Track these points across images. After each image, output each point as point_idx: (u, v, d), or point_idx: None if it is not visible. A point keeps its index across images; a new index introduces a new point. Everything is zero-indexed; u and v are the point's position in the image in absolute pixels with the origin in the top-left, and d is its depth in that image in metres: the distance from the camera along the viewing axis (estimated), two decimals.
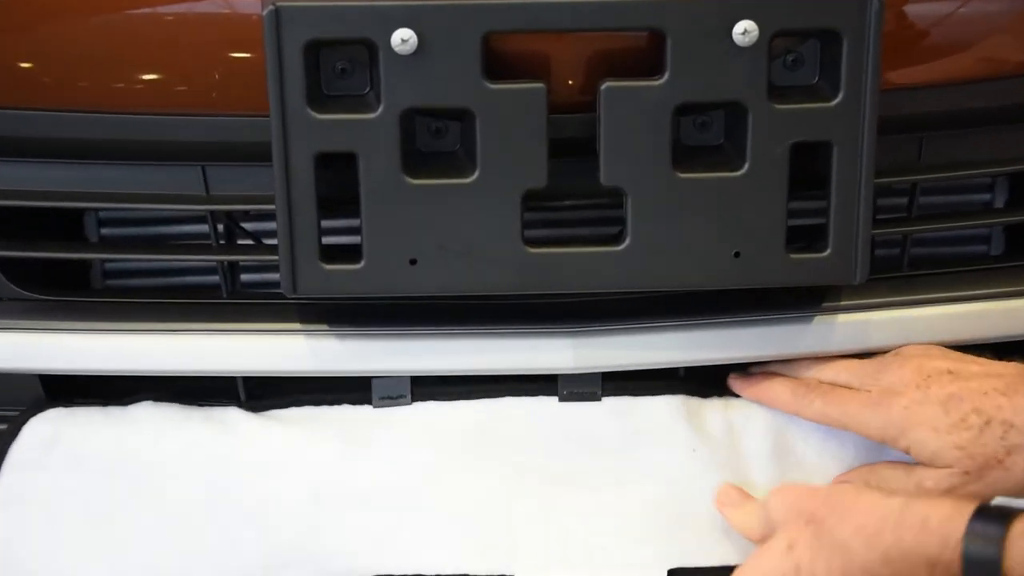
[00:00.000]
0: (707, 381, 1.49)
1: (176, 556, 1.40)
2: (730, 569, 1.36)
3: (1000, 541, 1.17)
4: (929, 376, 1.38)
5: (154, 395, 1.48)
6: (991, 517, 1.19)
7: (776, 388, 1.45)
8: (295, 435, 1.45)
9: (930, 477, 1.36)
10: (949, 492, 1.35)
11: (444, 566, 1.39)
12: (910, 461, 1.40)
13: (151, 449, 1.44)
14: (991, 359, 1.44)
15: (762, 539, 1.35)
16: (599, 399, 1.45)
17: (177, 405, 1.47)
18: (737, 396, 1.48)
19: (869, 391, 1.40)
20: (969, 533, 1.19)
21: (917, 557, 1.21)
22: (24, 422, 1.47)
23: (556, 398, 1.45)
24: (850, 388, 1.42)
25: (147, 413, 1.47)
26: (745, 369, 1.49)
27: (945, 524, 1.20)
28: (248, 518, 1.41)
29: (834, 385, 1.43)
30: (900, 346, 1.45)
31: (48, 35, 1.37)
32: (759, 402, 1.46)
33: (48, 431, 1.46)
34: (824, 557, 1.26)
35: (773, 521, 1.33)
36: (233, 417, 1.46)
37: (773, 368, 1.47)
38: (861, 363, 1.44)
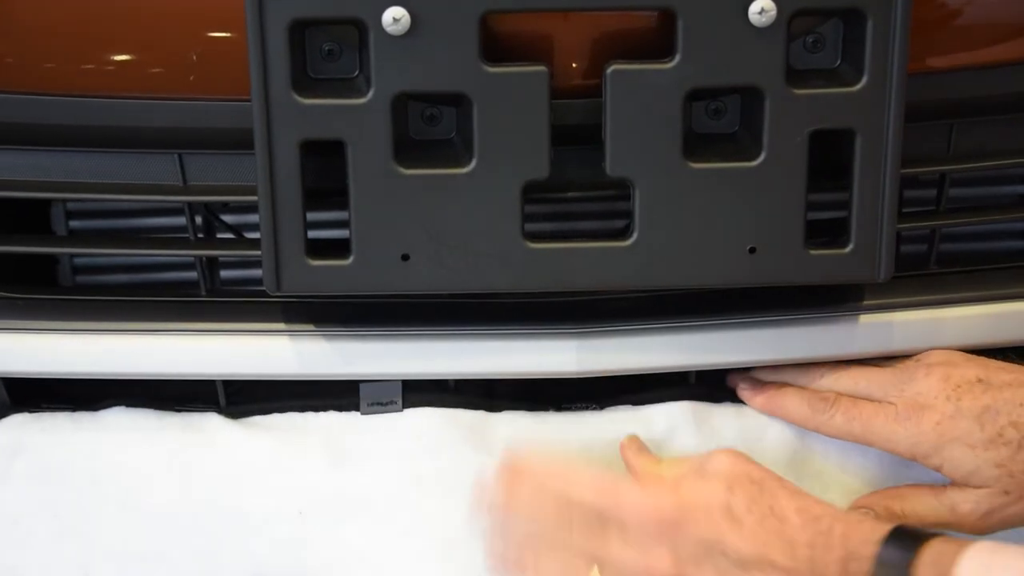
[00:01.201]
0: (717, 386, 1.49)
1: (150, 573, 1.39)
2: None
3: (907, 567, 1.18)
4: (959, 386, 1.36)
5: (127, 400, 1.47)
6: (903, 540, 1.20)
7: (792, 401, 1.43)
8: (278, 445, 1.43)
9: (966, 500, 1.36)
10: (987, 515, 1.34)
11: None
12: (936, 479, 1.39)
13: (123, 459, 1.42)
14: (1016, 362, 1.43)
15: None
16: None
17: (152, 411, 1.46)
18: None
19: (894, 403, 1.38)
20: (880, 557, 1.20)
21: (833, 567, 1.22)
22: None
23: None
24: (871, 400, 1.40)
25: (119, 420, 1.45)
26: (749, 372, 1.48)
27: (861, 547, 1.21)
28: (227, 534, 1.40)
29: (854, 397, 1.41)
30: (927, 350, 1.43)
31: (10, 11, 1.35)
32: (773, 415, 1.44)
33: (11, 439, 1.44)
34: (761, 513, 1.26)
35: (710, 471, 1.32)
36: (212, 424, 1.45)
37: (785, 376, 1.45)
38: (881, 371, 1.42)
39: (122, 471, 1.42)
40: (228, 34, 1.33)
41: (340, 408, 1.45)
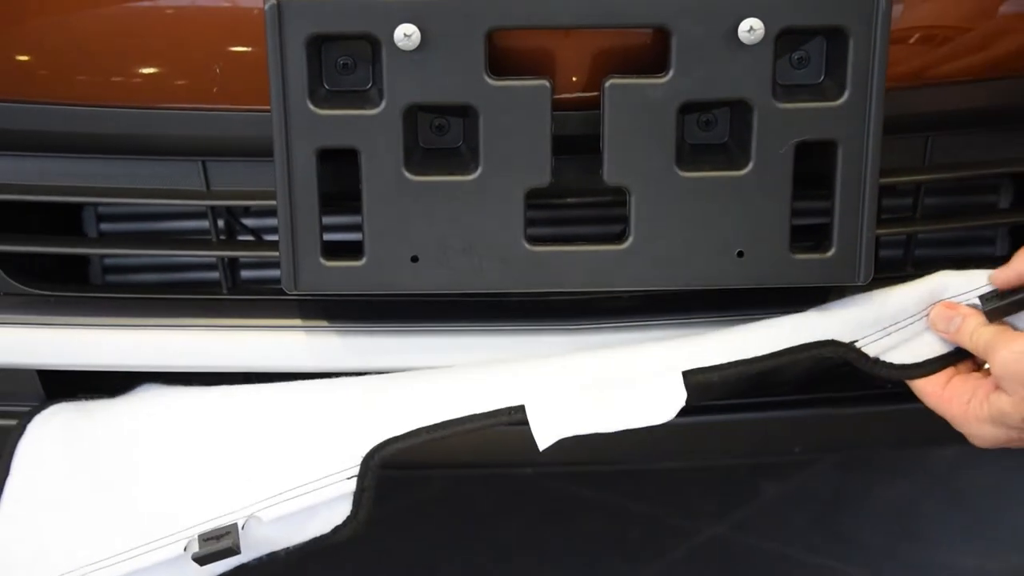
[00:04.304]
0: None
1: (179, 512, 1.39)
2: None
3: None
4: None
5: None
6: None
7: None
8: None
9: None
10: None
11: None
12: None
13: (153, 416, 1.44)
14: None
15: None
16: None
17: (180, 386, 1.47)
18: None
19: None
20: None
21: None
22: (30, 419, 1.46)
23: None
24: None
25: (151, 392, 1.46)
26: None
27: None
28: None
29: None
30: None
31: (47, 28, 1.37)
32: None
33: (53, 426, 1.44)
34: None
35: (999, 372, 1.30)
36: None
37: None
38: None
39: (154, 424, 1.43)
40: (249, 49, 1.34)
41: None
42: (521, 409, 1.33)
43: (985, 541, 2.21)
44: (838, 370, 1.44)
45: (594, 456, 1.55)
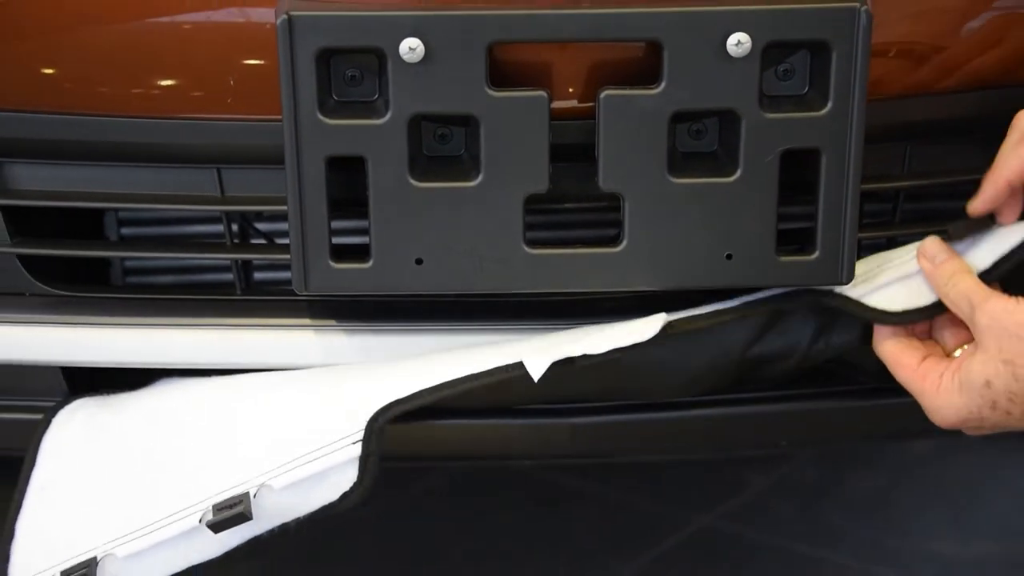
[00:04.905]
0: None
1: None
2: None
3: None
4: None
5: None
6: None
7: None
8: None
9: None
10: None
11: None
12: None
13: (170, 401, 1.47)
14: None
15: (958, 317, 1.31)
16: None
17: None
18: None
19: None
20: None
21: None
22: (54, 413, 1.48)
23: None
24: None
25: (168, 383, 1.49)
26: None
27: None
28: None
29: None
30: None
31: (71, 42, 1.38)
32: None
33: (77, 419, 1.47)
34: (1020, 402, 1.25)
35: (978, 330, 1.28)
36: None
37: None
38: None
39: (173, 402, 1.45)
40: (261, 62, 1.35)
41: None
42: (517, 366, 1.33)
43: (962, 529, 2.21)
44: (825, 365, 1.46)
45: (588, 450, 1.57)
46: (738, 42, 1.28)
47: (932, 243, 1.35)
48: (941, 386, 1.31)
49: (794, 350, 1.43)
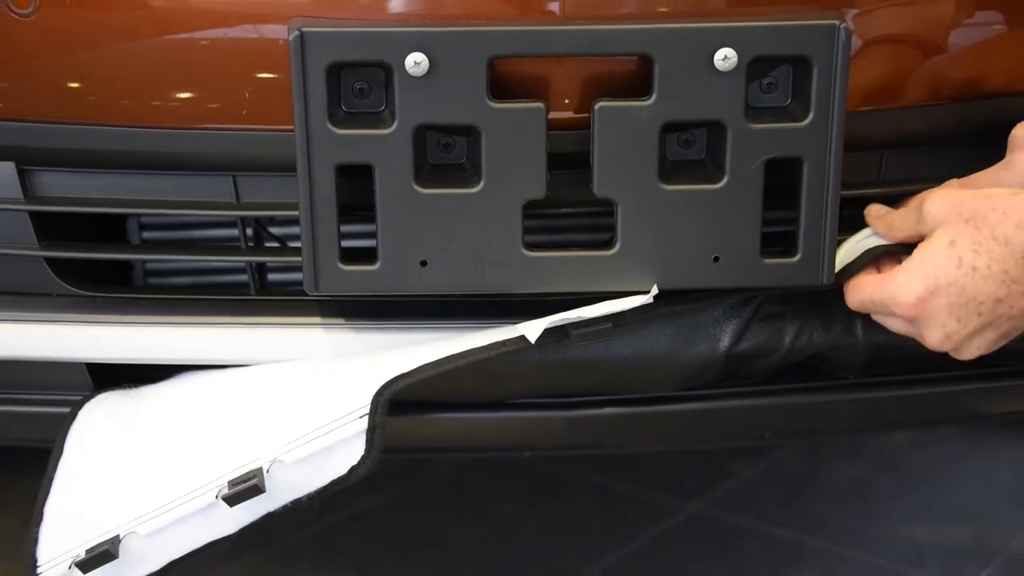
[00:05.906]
0: None
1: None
2: None
3: None
4: None
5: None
6: None
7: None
8: None
9: None
10: None
11: None
12: None
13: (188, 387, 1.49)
14: None
15: (913, 238, 1.32)
16: None
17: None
18: None
19: None
20: None
21: None
22: (80, 407, 1.50)
23: None
24: None
25: (187, 375, 1.50)
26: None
27: None
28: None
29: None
30: None
31: (96, 59, 1.38)
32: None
33: (102, 411, 1.49)
34: (985, 251, 1.24)
35: (930, 220, 1.28)
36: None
37: None
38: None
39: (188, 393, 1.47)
40: (275, 75, 1.36)
41: None
42: (517, 340, 1.34)
43: (934, 515, 2.22)
44: (807, 362, 1.48)
45: (583, 441, 1.57)
46: (725, 57, 1.30)
47: (875, 206, 1.39)
48: (902, 266, 1.30)
49: (778, 347, 1.46)
